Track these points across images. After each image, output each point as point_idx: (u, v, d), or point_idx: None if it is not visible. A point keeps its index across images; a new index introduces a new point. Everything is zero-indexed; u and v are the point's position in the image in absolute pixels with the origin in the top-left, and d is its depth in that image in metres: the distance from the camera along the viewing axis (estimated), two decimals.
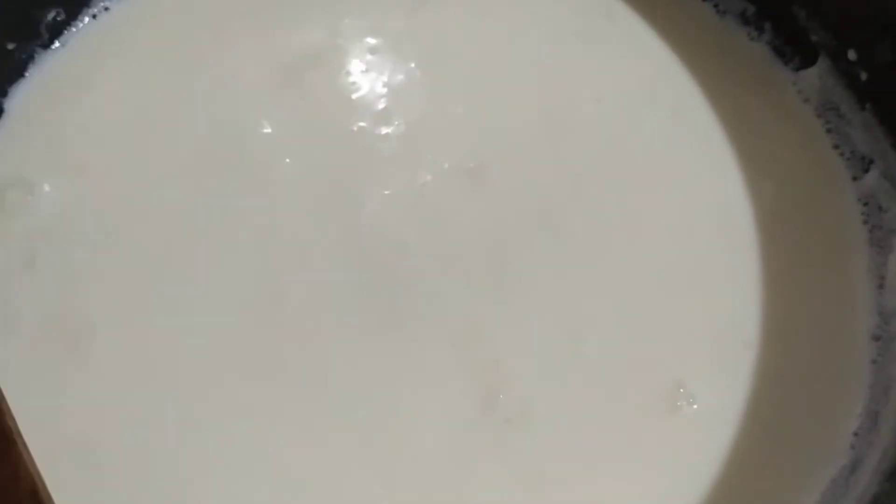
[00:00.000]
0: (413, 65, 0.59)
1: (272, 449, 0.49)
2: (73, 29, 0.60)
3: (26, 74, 0.58)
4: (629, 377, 0.50)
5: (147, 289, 0.53)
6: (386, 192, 0.55)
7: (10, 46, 0.58)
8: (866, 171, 0.55)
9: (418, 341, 0.51)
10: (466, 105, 0.57)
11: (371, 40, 0.59)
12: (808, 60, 0.58)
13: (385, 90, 0.58)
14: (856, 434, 0.50)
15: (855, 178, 0.56)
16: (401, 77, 0.58)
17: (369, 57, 0.59)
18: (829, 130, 0.57)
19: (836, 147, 0.56)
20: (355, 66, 0.59)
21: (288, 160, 0.56)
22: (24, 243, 0.54)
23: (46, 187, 0.55)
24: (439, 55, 0.59)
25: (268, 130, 0.57)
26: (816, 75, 0.57)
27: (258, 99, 0.57)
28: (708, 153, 0.56)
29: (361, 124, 0.57)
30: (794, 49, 0.58)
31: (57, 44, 0.59)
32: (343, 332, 0.52)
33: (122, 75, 0.58)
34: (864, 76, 0.55)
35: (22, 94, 0.58)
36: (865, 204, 0.55)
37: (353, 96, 0.58)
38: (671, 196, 0.55)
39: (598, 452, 0.49)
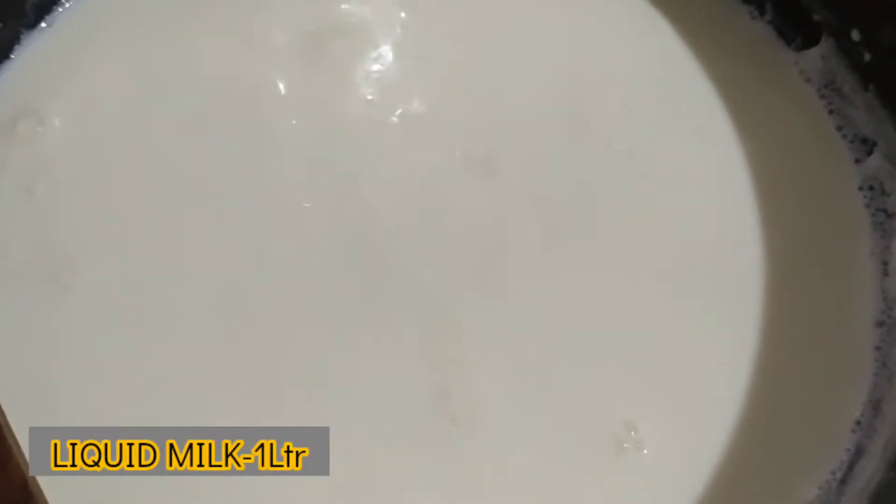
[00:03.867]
0: (442, 46, 0.58)
1: (225, 401, 0.49)
2: (60, 9, 0.59)
3: (12, 56, 0.57)
4: (587, 408, 0.49)
5: (134, 233, 0.53)
6: (390, 171, 0.54)
7: None
8: (869, 153, 0.54)
9: (390, 325, 0.51)
10: (490, 94, 0.56)
11: (404, 15, 0.58)
12: (810, 40, 0.57)
13: (409, 68, 0.57)
14: (858, 422, 0.50)
15: (858, 161, 0.55)
16: (428, 57, 0.57)
17: (399, 32, 0.58)
18: (831, 112, 0.56)
19: (838, 129, 0.56)
20: (383, 40, 0.58)
21: (294, 122, 0.56)
22: (27, 172, 0.54)
23: (57, 122, 0.55)
24: (471, 39, 0.58)
25: (281, 91, 0.56)
26: (819, 56, 0.56)
27: (277, 61, 0.57)
28: (707, 134, 0.56)
29: (378, 98, 0.56)
30: (797, 29, 0.58)
31: (44, 24, 0.58)
32: (318, 302, 0.51)
33: (121, 45, 0.58)
34: (867, 57, 0.54)
35: (7, 75, 0.57)
36: (870, 188, 0.54)
37: (375, 69, 0.57)
38: (671, 190, 0.54)
39: (532, 474, 0.48)
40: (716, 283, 0.52)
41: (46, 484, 0.41)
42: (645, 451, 0.48)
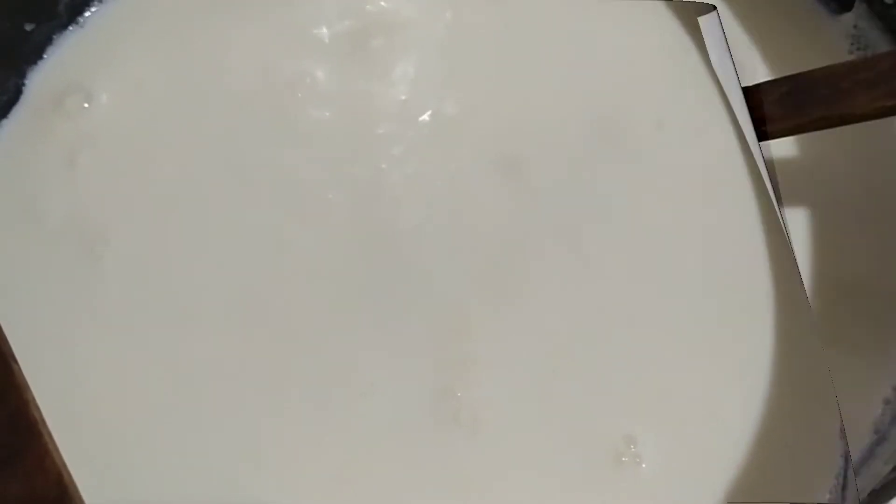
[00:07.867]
0: (485, 50, 0.57)
1: (234, 385, 0.50)
2: (93, 8, 0.60)
3: (45, 56, 0.59)
4: (589, 419, 0.48)
5: (165, 212, 0.54)
6: (415, 170, 0.54)
7: (29, 28, 0.58)
8: None
9: (399, 322, 0.51)
10: (523, 101, 0.55)
11: (449, 16, 0.58)
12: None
13: (445, 69, 0.57)
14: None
15: None
16: (468, 59, 0.57)
17: (442, 33, 0.58)
18: None
19: None
20: (425, 41, 0.57)
21: (327, 114, 0.56)
22: (71, 145, 0.56)
23: (104, 99, 0.57)
24: (515, 46, 0.57)
25: (318, 82, 0.57)
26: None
27: (316, 56, 0.57)
28: (740, 145, 0.53)
29: (413, 97, 0.56)
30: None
31: (76, 24, 0.59)
32: (332, 292, 0.52)
33: (163, 37, 0.58)
34: None
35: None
36: None
37: (413, 69, 0.57)
38: (698, 204, 0.52)
39: (528, 483, 0.48)
40: (734, 295, 0.50)
41: (80, 479, 0.42)
42: (643, 466, 0.48)
